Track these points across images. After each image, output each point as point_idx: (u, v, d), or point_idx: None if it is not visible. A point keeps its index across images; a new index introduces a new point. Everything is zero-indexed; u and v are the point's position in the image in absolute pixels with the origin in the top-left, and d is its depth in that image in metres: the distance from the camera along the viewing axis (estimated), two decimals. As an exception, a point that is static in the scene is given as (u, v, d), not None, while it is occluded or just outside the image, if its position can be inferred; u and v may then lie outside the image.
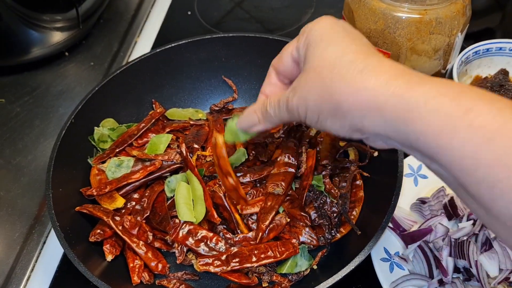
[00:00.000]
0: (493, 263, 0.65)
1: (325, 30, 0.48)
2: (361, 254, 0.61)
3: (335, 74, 0.44)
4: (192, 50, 0.88)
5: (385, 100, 0.41)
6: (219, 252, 0.67)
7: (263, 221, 0.69)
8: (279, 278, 0.67)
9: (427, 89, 0.39)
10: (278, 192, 0.71)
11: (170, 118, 0.87)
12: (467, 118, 0.37)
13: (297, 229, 0.69)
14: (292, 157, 0.74)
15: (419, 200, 0.74)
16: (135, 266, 0.69)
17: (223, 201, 0.71)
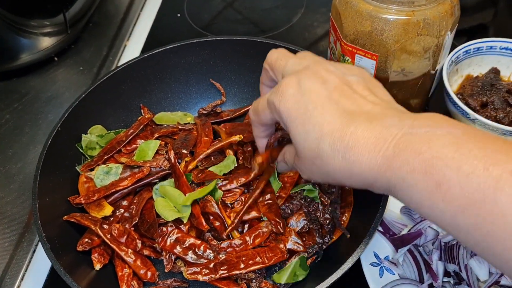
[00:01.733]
0: (483, 267, 0.65)
1: (292, 110, 0.50)
2: (349, 260, 0.61)
3: (323, 162, 0.48)
4: (180, 54, 0.87)
5: (374, 179, 0.45)
6: (207, 260, 0.67)
7: (235, 216, 0.70)
8: (267, 284, 0.67)
9: (402, 163, 0.42)
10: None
11: (158, 122, 0.86)
12: (440, 192, 0.40)
13: (283, 236, 0.69)
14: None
15: (408, 203, 0.74)
16: (124, 274, 0.69)
17: (215, 210, 0.70)
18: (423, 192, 0.41)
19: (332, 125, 0.46)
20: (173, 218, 0.69)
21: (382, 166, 0.43)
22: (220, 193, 0.73)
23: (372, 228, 0.62)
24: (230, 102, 0.91)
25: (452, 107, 0.82)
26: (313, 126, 0.48)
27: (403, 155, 0.42)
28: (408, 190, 0.42)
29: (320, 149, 0.47)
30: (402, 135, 0.43)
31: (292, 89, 0.50)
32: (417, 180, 0.41)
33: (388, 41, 0.74)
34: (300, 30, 1.11)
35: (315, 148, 0.48)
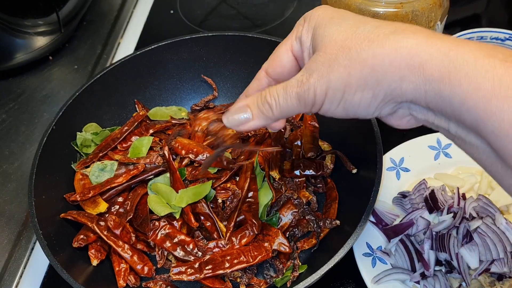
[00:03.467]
0: (473, 255, 0.66)
1: (330, 12, 0.46)
2: (341, 251, 0.62)
3: (363, 40, 0.40)
4: (173, 51, 0.88)
5: (428, 58, 0.37)
6: (195, 257, 0.68)
7: (230, 222, 0.70)
8: (255, 280, 0.68)
9: (474, 48, 0.36)
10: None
11: (153, 118, 0.87)
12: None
13: (270, 237, 0.69)
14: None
15: (400, 194, 0.75)
16: (121, 269, 0.70)
17: (205, 211, 0.71)
18: (499, 80, 0.34)
19: (376, 22, 0.42)
20: (165, 213, 0.70)
21: (445, 44, 0.37)
22: (212, 193, 0.74)
23: (362, 221, 0.63)
24: (224, 96, 0.92)
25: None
26: (353, 17, 0.44)
27: (476, 44, 0.36)
28: (478, 75, 0.35)
29: (360, 28, 0.41)
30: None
31: (327, 6, 0.48)
32: (494, 65, 0.35)
33: (377, 33, 0.74)
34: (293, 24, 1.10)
35: (354, 28, 0.41)
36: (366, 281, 0.67)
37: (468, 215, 0.68)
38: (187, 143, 0.78)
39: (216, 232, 0.71)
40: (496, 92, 0.34)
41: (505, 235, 0.66)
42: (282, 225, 0.73)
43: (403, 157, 0.80)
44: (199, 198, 0.72)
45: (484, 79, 0.35)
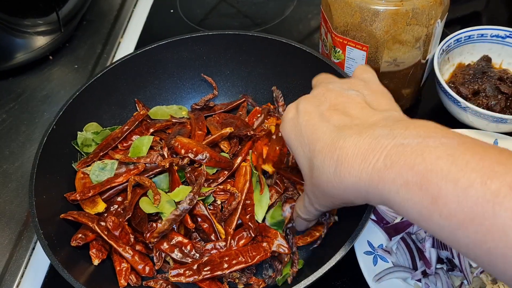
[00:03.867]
0: (475, 253, 0.65)
1: (291, 133, 0.52)
2: (342, 249, 0.61)
3: (319, 180, 0.48)
4: (173, 50, 0.88)
5: (366, 192, 0.44)
6: (193, 259, 0.68)
7: (229, 225, 0.70)
8: (253, 279, 0.68)
9: (395, 176, 0.41)
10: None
11: (153, 117, 0.87)
12: (436, 207, 0.38)
13: (269, 238, 0.69)
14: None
15: (401, 192, 0.75)
16: (122, 269, 0.70)
17: (203, 212, 0.71)
18: (419, 206, 0.39)
19: (323, 142, 0.47)
20: (151, 211, 0.70)
21: (374, 178, 0.42)
22: (210, 198, 0.74)
23: (364, 217, 0.63)
24: (224, 96, 0.91)
25: (444, 96, 0.82)
26: (307, 146, 0.49)
27: (395, 167, 0.41)
28: (403, 204, 0.41)
29: (314, 167, 0.48)
30: (393, 146, 0.42)
31: (290, 113, 0.53)
32: (412, 194, 0.40)
33: (377, 31, 0.74)
34: (294, 23, 1.11)
35: (310, 167, 0.49)
36: (368, 279, 0.67)
37: (469, 213, 0.68)
38: (186, 142, 0.78)
39: (214, 234, 0.71)
40: (422, 217, 0.40)
41: (507, 233, 0.66)
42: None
43: (404, 155, 0.79)
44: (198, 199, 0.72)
45: (409, 207, 0.41)
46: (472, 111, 0.78)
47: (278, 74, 0.88)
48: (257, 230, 0.71)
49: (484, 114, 0.77)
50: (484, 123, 0.79)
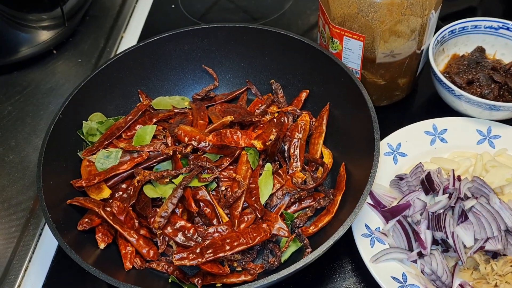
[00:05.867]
0: (468, 234, 0.68)
1: None
2: (339, 230, 0.64)
3: None
4: (174, 42, 0.90)
5: None
6: (195, 243, 0.70)
7: (235, 208, 0.72)
8: (251, 265, 0.70)
9: None
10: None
11: (156, 107, 0.89)
12: None
13: (269, 222, 0.72)
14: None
15: (397, 177, 0.77)
16: (127, 252, 0.72)
17: (206, 197, 0.74)
18: None
19: None
20: (153, 196, 0.73)
21: None
22: (213, 184, 0.76)
23: (361, 200, 0.65)
24: (225, 86, 0.94)
25: (439, 85, 0.85)
26: None
27: None
28: None
29: None
30: None
31: None
32: None
33: (374, 22, 0.77)
34: (293, 17, 1.14)
35: None
36: (365, 261, 0.69)
37: (463, 196, 0.70)
38: (189, 130, 0.80)
39: (216, 219, 0.73)
40: None
41: (499, 214, 0.68)
42: (279, 206, 0.75)
43: (400, 143, 0.82)
44: (200, 185, 0.74)
45: None
46: (466, 99, 0.81)
47: (277, 66, 0.90)
48: (263, 212, 0.73)
49: (478, 102, 0.80)
50: (478, 110, 0.82)
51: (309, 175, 0.79)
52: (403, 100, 0.92)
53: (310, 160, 0.81)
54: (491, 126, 0.82)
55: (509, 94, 0.85)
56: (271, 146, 0.77)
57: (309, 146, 0.83)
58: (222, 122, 0.81)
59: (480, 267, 0.68)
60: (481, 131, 0.82)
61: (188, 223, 0.73)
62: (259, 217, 0.73)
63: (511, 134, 0.81)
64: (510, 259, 0.67)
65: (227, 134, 0.78)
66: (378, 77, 0.85)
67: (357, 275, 0.73)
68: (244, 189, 0.74)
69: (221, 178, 0.77)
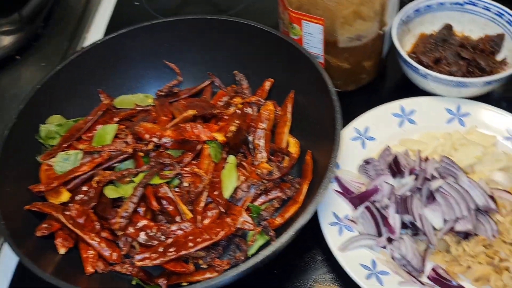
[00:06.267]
0: (437, 215, 0.65)
1: None
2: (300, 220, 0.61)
3: None
4: (134, 38, 0.87)
5: None
6: (159, 241, 0.68)
7: (197, 204, 0.70)
8: (217, 262, 0.68)
9: None
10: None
11: (119, 106, 0.87)
12: None
13: (234, 216, 0.69)
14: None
15: (364, 161, 0.75)
16: (88, 256, 0.70)
17: (168, 195, 0.71)
18: None
19: None
20: (114, 196, 0.71)
21: None
22: (176, 181, 0.74)
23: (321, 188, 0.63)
24: (189, 81, 0.91)
25: (405, 66, 0.83)
26: None
27: None
28: None
29: None
30: None
31: None
32: None
33: (331, 3, 0.74)
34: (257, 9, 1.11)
35: None
36: (333, 249, 0.67)
37: (430, 176, 0.68)
38: (150, 127, 0.78)
39: (179, 216, 0.71)
40: None
41: (469, 194, 0.66)
42: (245, 199, 0.73)
43: (367, 126, 0.79)
44: (161, 181, 0.72)
45: None
46: (432, 78, 0.79)
47: (240, 56, 0.88)
48: (227, 206, 0.71)
49: (445, 80, 0.77)
50: (446, 89, 0.79)
51: (275, 165, 0.76)
52: (371, 83, 0.90)
53: (275, 150, 0.78)
54: (460, 104, 0.80)
55: (479, 70, 0.83)
56: (232, 138, 0.75)
57: (275, 136, 0.81)
58: (183, 116, 0.79)
59: (451, 249, 0.66)
60: (451, 110, 0.80)
61: (151, 222, 0.71)
62: (223, 212, 0.71)
63: (481, 111, 0.79)
64: (482, 238, 0.65)
65: (187, 128, 0.76)
66: (343, 61, 0.83)
67: (328, 265, 0.71)
68: (206, 184, 0.72)
69: (184, 174, 0.75)
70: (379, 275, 0.65)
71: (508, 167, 0.72)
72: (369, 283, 0.64)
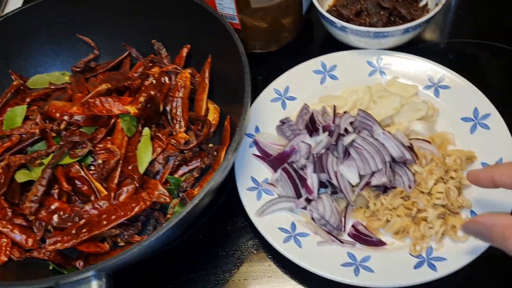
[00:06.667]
0: (352, 171, 0.64)
1: None
2: (208, 183, 0.58)
3: None
4: (42, 13, 0.83)
5: None
6: (73, 223, 0.65)
7: (111, 180, 0.68)
8: (136, 238, 0.66)
9: None
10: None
11: (33, 87, 0.83)
12: None
13: (149, 189, 0.67)
14: None
15: (280, 121, 0.72)
16: (1, 244, 0.67)
17: (81, 174, 0.69)
18: None
19: None
20: (23, 180, 0.68)
21: None
22: (89, 159, 0.71)
23: (229, 151, 0.60)
24: (107, 55, 0.87)
25: (323, 20, 0.79)
26: None
27: None
28: None
29: None
30: None
31: None
32: None
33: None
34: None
35: None
36: (250, 215, 0.65)
37: (344, 131, 0.66)
38: (61, 105, 0.74)
39: (93, 195, 0.68)
40: None
41: (384, 146, 0.64)
42: (163, 172, 0.70)
43: (288, 86, 0.77)
44: (72, 161, 0.69)
45: None
46: (351, 31, 0.76)
47: (156, 24, 0.84)
48: (142, 179, 0.68)
49: (363, 31, 0.75)
50: (366, 41, 0.77)
51: (193, 134, 0.74)
52: (295, 42, 0.86)
53: (194, 118, 0.75)
54: (381, 55, 0.78)
55: (400, 19, 0.80)
56: (144, 109, 0.72)
57: (195, 104, 0.78)
58: (96, 91, 0.75)
59: (369, 204, 0.64)
60: (372, 62, 0.77)
61: (64, 204, 0.68)
62: (138, 186, 0.68)
63: (402, 61, 0.77)
64: (399, 191, 0.64)
65: (97, 103, 0.72)
66: (259, 20, 0.79)
67: (249, 232, 0.69)
68: (118, 159, 0.69)
69: (97, 151, 0.71)
70: (298, 237, 0.63)
71: (428, 117, 0.71)
72: (286, 246, 0.62)
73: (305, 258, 0.61)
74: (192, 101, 0.78)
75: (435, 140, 0.68)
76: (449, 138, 0.69)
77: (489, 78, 0.81)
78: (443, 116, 0.72)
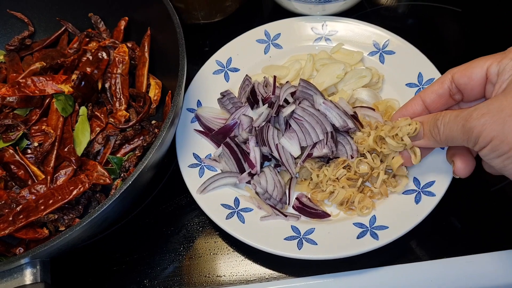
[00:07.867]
0: (293, 143, 0.62)
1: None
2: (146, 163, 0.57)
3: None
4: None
5: None
6: (9, 209, 0.63)
7: (47, 164, 0.65)
8: (78, 221, 0.64)
9: None
10: None
11: (-37, 70, 0.78)
12: None
13: (88, 171, 0.64)
14: None
15: (221, 94, 0.70)
16: None
17: (16, 158, 0.66)
18: None
19: None
20: None
21: None
22: (24, 142, 0.68)
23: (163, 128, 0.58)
24: (43, 31, 0.83)
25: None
26: None
27: None
28: None
29: None
30: None
31: None
32: None
33: None
34: None
35: None
36: (192, 192, 0.63)
37: (283, 103, 0.64)
38: (-9, 87, 0.70)
39: (30, 179, 0.66)
40: None
41: (325, 116, 0.63)
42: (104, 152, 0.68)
43: (230, 57, 0.74)
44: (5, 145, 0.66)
45: None
46: (292, -4, 0.73)
47: (93, -4, 0.80)
48: (79, 161, 0.66)
49: (302, -4, 0.72)
50: (309, 7, 0.74)
51: (134, 111, 0.71)
52: (241, 12, 0.83)
53: (134, 95, 0.73)
54: (326, 21, 0.75)
55: (346, -17, 0.77)
56: (78, 87, 0.69)
57: (135, 79, 0.75)
58: (30, 70, 0.72)
59: (312, 175, 0.63)
60: (316, 29, 0.75)
61: (1, 190, 0.65)
62: (77, 168, 0.65)
63: (347, 27, 0.75)
64: (341, 160, 0.62)
65: (28, 83, 0.69)
66: (198, -12, 0.76)
67: (194, 209, 0.68)
68: (53, 141, 0.66)
69: (32, 133, 0.68)
70: (241, 213, 0.62)
71: (373, 83, 0.69)
72: (229, 222, 0.61)
73: (248, 234, 0.60)
74: (133, 76, 0.76)
75: (380, 107, 0.67)
76: (394, 104, 0.68)
77: (441, 42, 0.79)
78: (388, 82, 0.70)
